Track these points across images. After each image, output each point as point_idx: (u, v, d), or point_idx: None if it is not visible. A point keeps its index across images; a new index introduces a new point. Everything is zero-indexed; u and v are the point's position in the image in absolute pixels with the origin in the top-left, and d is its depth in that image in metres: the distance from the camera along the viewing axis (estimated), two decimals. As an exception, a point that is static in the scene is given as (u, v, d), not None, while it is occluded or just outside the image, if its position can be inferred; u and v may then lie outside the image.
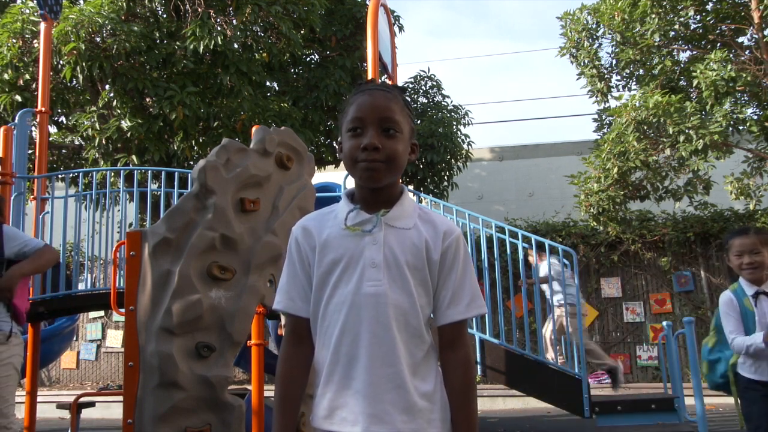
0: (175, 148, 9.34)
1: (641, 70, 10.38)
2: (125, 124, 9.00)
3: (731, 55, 9.23)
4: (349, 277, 1.44)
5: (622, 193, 9.47)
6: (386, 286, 1.43)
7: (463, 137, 12.04)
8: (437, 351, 1.51)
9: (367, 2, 9.79)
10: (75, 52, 8.43)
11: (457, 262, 1.49)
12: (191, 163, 9.42)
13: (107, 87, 9.33)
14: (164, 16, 10.01)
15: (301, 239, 1.51)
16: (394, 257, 1.44)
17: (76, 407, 5.43)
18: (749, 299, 3.03)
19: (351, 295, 1.43)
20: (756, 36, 9.32)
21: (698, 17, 9.78)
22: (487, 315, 5.63)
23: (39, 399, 5.65)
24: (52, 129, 10.59)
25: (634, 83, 10.67)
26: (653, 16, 9.53)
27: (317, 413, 1.46)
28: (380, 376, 1.40)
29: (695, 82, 8.96)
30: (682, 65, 10.07)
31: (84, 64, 8.45)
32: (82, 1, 10.22)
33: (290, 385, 1.49)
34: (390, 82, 6.96)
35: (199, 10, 9.15)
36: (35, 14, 9.01)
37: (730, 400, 3.27)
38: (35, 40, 8.85)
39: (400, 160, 1.47)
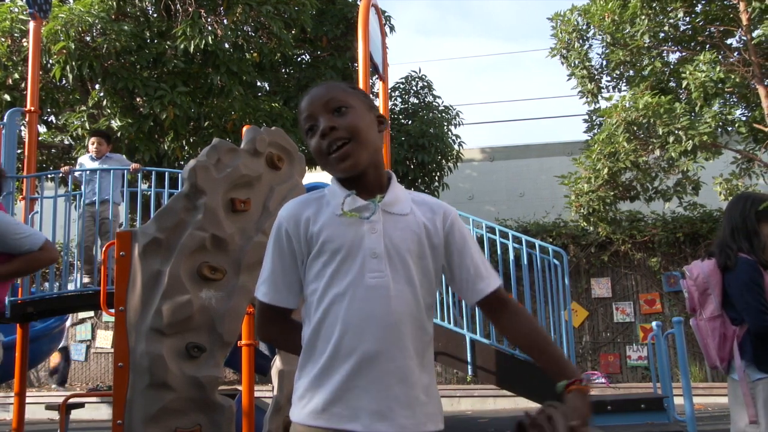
0: (166, 148, 9.30)
1: (631, 71, 10.42)
2: (115, 123, 8.96)
3: (720, 57, 9.28)
4: (348, 269, 1.38)
5: (612, 193, 9.52)
6: (389, 277, 1.37)
7: (454, 138, 12.06)
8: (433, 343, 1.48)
9: (358, 2, 9.78)
10: (65, 51, 8.38)
11: (465, 238, 1.48)
12: (182, 163, 9.37)
13: (97, 86, 9.28)
14: (155, 15, 9.97)
15: (293, 230, 1.43)
16: (395, 246, 1.39)
17: (66, 408, 5.40)
18: None
19: (352, 288, 1.36)
20: (744, 38, 9.37)
21: (687, 19, 9.83)
22: (477, 315, 5.64)
23: (28, 400, 5.63)
24: (42, 128, 10.51)
25: (624, 84, 10.71)
26: (643, 17, 9.58)
27: (306, 406, 1.37)
28: (386, 371, 1.34)
29: (684, 84, 9.01)
30: (671, 66, 10.12)
31: (74, 63, 8.39)
32: (71, 0, 10.15)
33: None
34: (381, 83, 6.97)
35: (190, 9, 9.11)
36: (24, 13, 8.94)
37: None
38: (24, 39, 8.77)
39: (363, 132, 1.42)
